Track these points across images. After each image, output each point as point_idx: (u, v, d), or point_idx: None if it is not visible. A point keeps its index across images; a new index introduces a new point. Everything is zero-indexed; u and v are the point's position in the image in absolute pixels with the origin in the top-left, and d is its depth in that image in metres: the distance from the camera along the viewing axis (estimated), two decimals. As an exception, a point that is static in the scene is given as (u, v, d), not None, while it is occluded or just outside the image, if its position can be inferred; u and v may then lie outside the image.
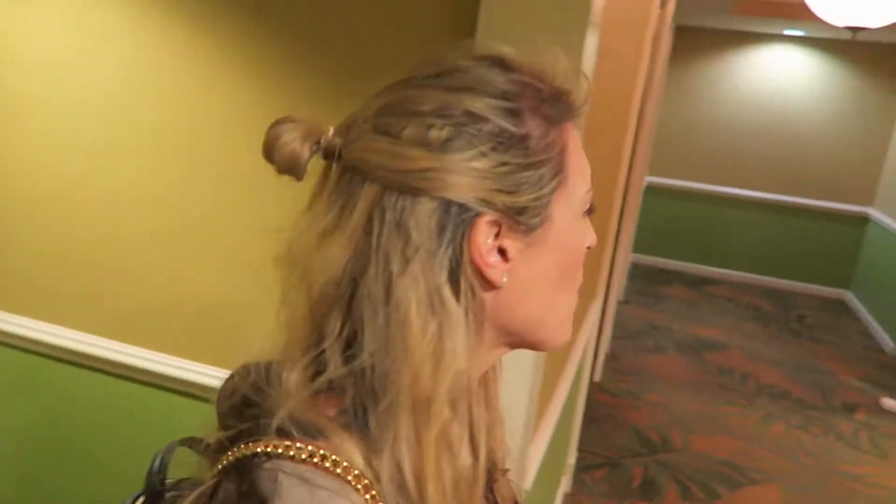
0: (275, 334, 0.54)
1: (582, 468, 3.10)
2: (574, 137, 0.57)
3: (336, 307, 0.52)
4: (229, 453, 0.51)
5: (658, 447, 3.37)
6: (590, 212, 0.59)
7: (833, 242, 6.33)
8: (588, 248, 0.60)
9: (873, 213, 6.06)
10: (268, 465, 0.48)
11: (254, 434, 0.50)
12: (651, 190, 6.36)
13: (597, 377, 4.03)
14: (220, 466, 0.51)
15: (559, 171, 0.54)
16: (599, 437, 3.40)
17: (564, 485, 2.89)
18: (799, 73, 6.20)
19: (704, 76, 6.45)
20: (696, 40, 6.37)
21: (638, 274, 6.44)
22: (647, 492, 2.99)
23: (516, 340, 0.59)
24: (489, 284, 0.53)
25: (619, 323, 5.01)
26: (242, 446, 0.50)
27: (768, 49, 6.23)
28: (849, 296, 6.30)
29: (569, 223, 0.56)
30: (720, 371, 4.38)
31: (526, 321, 0.57)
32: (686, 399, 3.93)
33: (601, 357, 4.06)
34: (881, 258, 5.74)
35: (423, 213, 0.50)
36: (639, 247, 6.81)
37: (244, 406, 0.54)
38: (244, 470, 0.49)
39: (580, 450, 3.22)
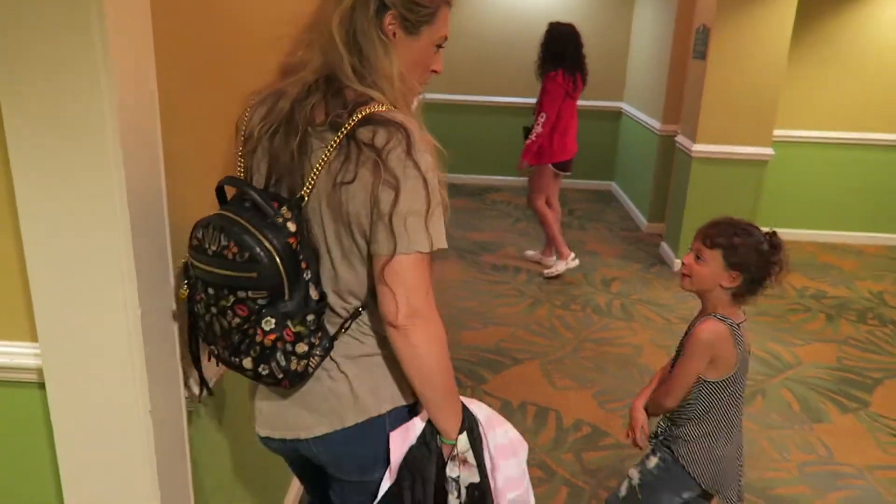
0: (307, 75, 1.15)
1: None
2: (444, 12, 1.21)
3: (350, 42, 1.13)
4: (348, 119, 1.10)
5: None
6: (439, 47, 1.25)
7: (596, 138, 6.79)
8: (434, 71, 1.28)
9: (625, 106, 6.57)
10: (383, 115, 1.10)
11: (346, 120, 1.10)
12: (428, 107, 6.38)
13: (375, 293, 4.05)
14: (348, 126, 1.10)
15: (432, 18, 1.19)
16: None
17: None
18: (546, -21, 6.44)
19: (461, -13, 6.49)
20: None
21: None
22: (417, 390, 3.07)
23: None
24: (388, 34, 1.14)
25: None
26: (360, 113, 1.10)
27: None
28: (613, 185, 6.86)
29: (426, 44, 1.21)
30: (494, 269, 4.59)
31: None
32: (460, 299, 4.07)
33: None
34: (633, 147, 6.28)
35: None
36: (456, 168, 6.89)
37: (330, 88, 1.14)
38: (369, 119, 1.10)
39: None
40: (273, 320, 1.08)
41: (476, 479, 1.23)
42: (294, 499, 2.28)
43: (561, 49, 4.22)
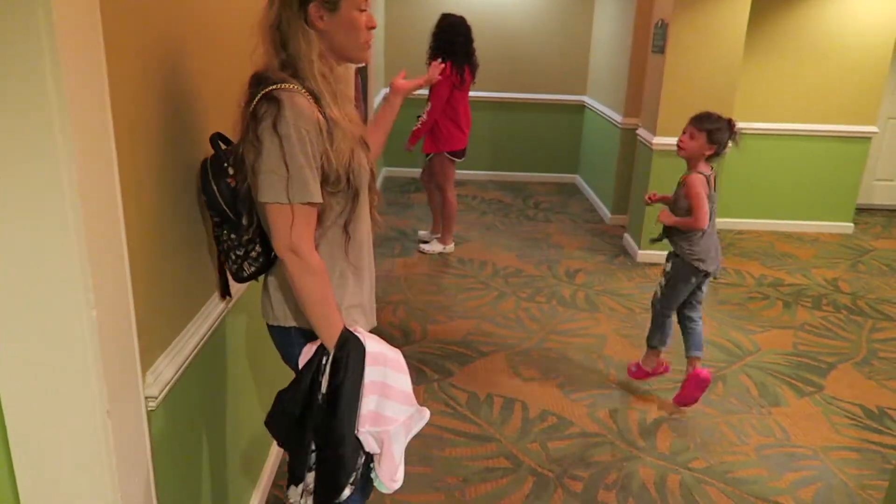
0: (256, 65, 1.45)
1: (320, 377, 3.11)
2: None
3: (277, 47, 1.43)
4: (259, 94, 1.38)
5: (399, 342, 3.48)
6: (362, 10, 1.47)
7: (560, 132, 6.86)
8: (370, 28, 1.50)
9: (587, 100, 6.64)
10: (276, 91, 1.37)
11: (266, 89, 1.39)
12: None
13: (341, 289, 4.04)
14: (256, 98, 1.39)
15: None
16: (341, 344, 3.42)
17: (299, 396, 2.87)
18: (508, -27, 6.46)
19: (423, -18, 6.49)
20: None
21: (391, 186, 6.53)
22: (384, 385, 3.07)
23: (342, 56, 1.51)
24: (318, 27, 1.43)
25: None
26: (265, 90, 1.38)
27: (476, -50, 6.40)
28: (578, 179, 6.94)
29: (350, 11, 1.45)
30: (460, 263, 4.61)
31: (344, 47, 1.49)
32: (427, 294, 4.09)
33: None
34: (596, 140, 6.35)
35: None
36: (389, 160, 6.88)
37: (256, 84, 1.42)
38: (269, 95, 1.37)
39: (318, 360, 3.23)
40: (224, 233, 1.57)
41: (325, 388, 1.51)
42: (261, 497, 2.27)
43: (451, 41, 4.32)
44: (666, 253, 3.03)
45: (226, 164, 1.50)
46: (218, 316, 1.76)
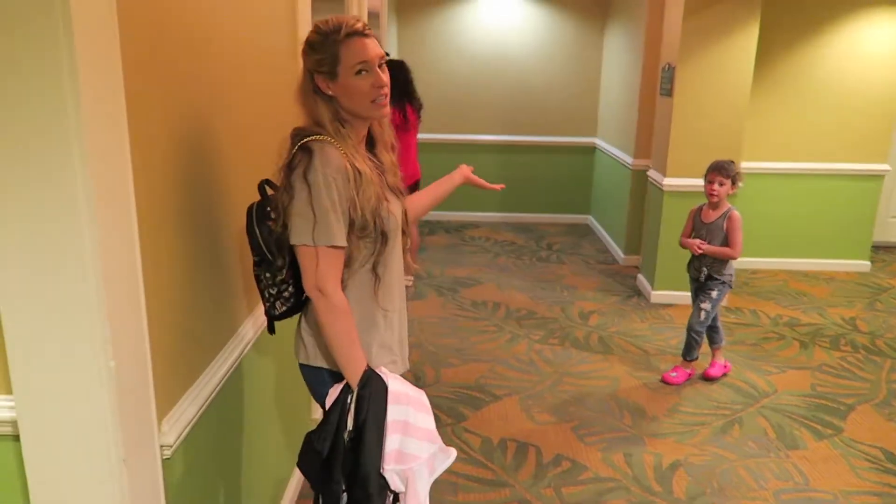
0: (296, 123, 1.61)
1: (334, 421, 3.11)
2: (345, 47, 1.53)
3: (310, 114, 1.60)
4: (293, 148, 1.54)
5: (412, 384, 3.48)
6: (359, 73, 1.54)
7: (571, 173, 6.93)
8: (377, 87, 1.56)
9: (598, 141, 6.72)
10: (309, 142, 1.51)
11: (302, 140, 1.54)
12: (402, 146, 6.48)
13: (355, 332, 4.07)
14: (293, 151, 1.54)
15: (336, 59, 1.53)
16: (355, 388, 3.44)
17: (313, 441, 2.87)
18: (515, 23, 6.63)
19: (429, 32, 6.66)
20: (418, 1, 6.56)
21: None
22: (397, 429, 3.07)
23: (357, 115, 1.59)
24: (326, 93, 1.57)
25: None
26: (301, 142, 1.53)
27: (484, 1, 6.58)
28: (590, 219, 6.97)
29: (348, 77, 1.54)
30: (473, 305, 4.63)
31: (352, 109, 1.58)
32: (440, 336, 4.10)
33: (356, 312, 4.09)
34: (607, 181, 6.40)
35: (307, 71, 1.59)
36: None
37: (294, 136, 1.57)
38: (303, 146, 1.52)
39: (331, 404, 3.24)
40: (261, 273, 1.65)
41: (351, 426, 1.57)
42: (273, 544, 2.27)
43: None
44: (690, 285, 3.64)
45: (269, 209, 1.60)
46: (235, 360, 1.79)
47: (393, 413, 1.57)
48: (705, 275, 3.47)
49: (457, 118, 6.83)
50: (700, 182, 4.47)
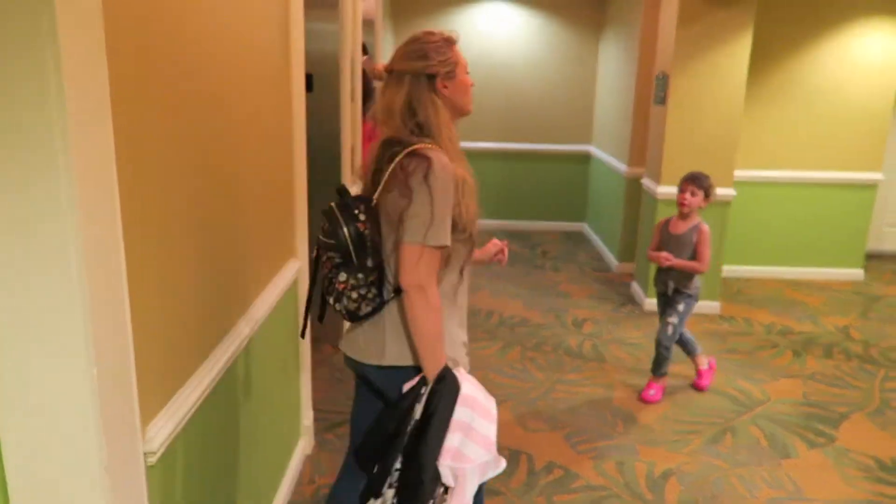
0: (387, 130, 1.76)
1: (325, 427, 3.10)
2: (455, 51, 1.80)
3: (407, 118, 1.73)
4: (401, 154, 1.67)
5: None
6: (467, 73, 1.82)
7: (566, 181, 6.94)
8: (471, 84, 1.84)
9: (593, 149, 6.73)
10: (422, 150, 1.66)
11: (409, 148, 1.67)
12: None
13: (348, 339, 4.06)
14: (400, 156, 1.66)
15: (455, 60, 1.78)
16: (345, 395, 3.42)
17: (304, 447, 2.86)
18: (511, 31, 6.65)
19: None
20: (413, 2, 6.57)
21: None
22: (388, 436, 3.06)
23: (460, 112, 1.82)
24: (444, 95, 1.76)
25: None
26: (409, 150, 1.67)
27: (479, 9, 6.60)
28: (585, 227, 6.98)
29: (462, 75, 1.79)
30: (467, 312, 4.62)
31: (461, 105, 1.81)
32: (433, 343, 4.09)
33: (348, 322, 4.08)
34: (602, 189, 6.41)
35: (423, 76, 1.74)
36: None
37: (391, 146, 1.72)
38: (415, 153, 1.65)
39: (322, 410, 3.22)
40: (344, 275, 1.68)
41: (418, 415, 1.65)
42: (262, 552, 2.25)
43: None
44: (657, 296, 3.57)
45: (356, 212, 1.67)
46: (226, 362, 1.78)
47: (459, 413, 1.66)
48: (672, 288, 3.41)
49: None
50: (694, 190, 4.50)
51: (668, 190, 4.52)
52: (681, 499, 2.69)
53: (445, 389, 1.64)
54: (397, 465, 1.67)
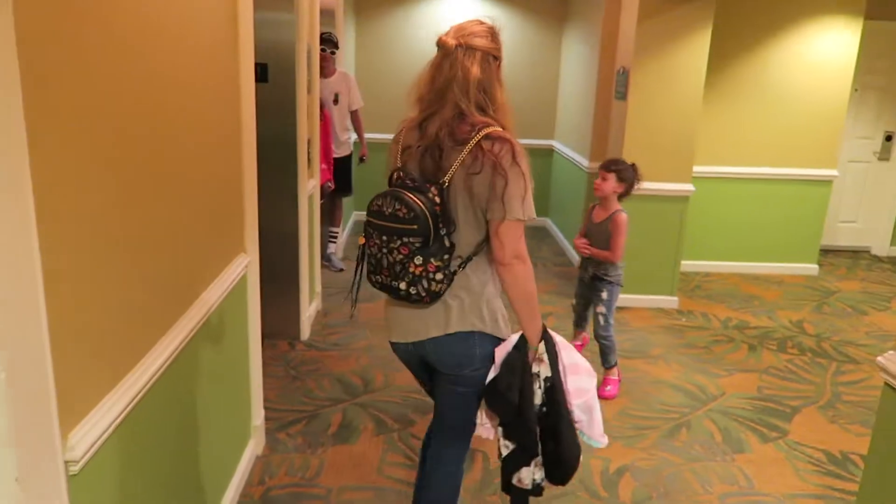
0: (447, 116, 1.75)
1: (277, 427, 3.03)
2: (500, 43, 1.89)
3: (478, 90, 1.76)
4: (476, 136, 1.72)
5: (360, 390, 3.42)
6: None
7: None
8: None
9: (556, 144, 6.73)
10: (496, 132, 1.73)
11: (473, 136, 1.72)
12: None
13: (304, 336, 3.98)
14: (477, 139, 1.71)
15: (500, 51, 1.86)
16: (301, 393, 3.35)
17: (254, 447, 2.79)
18: (476, 22, 6.60)
19: (388, 31, 6.60)
20: (379, -6, 6.49)
21: (362, 230, 6.52)
22: (343, 435, 3.00)
23: None
24: (501, 78, 1.85)
25: (338, 279, 5.02)
26: (483, 132, 1.72)
27: (443, 1, 6.54)
28: (548, 222, 6.98)
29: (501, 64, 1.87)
30: (427, 307, 4.58)
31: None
32: (392, 339, 4.04)
33: (306, 317, 4.01)
34: (564, 184, 6.41)
35: (491, 56, 1.81)
36: (362, 204, 6.88)
37: (442, 125, 1.75)
38: (493, 136, 1.71)
39: (276, 409, 3.15)
40: (421, 258, 1.70)
41: (549, 373, 1.79)
42: (206, 557, 2.18)
43: None
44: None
45: (430, 194, 1.72)
46: (161, 365, 1.71)
47: (564, 357, 1.83)
48: (590, 275, 3.46)
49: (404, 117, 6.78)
50: (654, 185, 4.52)
51: (627, 185, 4.52)
52: (635, 495, 2.68)
53: (552, 342, 1.82)
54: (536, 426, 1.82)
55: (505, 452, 1.88)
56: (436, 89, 1.77)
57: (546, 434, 1.82)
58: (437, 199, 1.71)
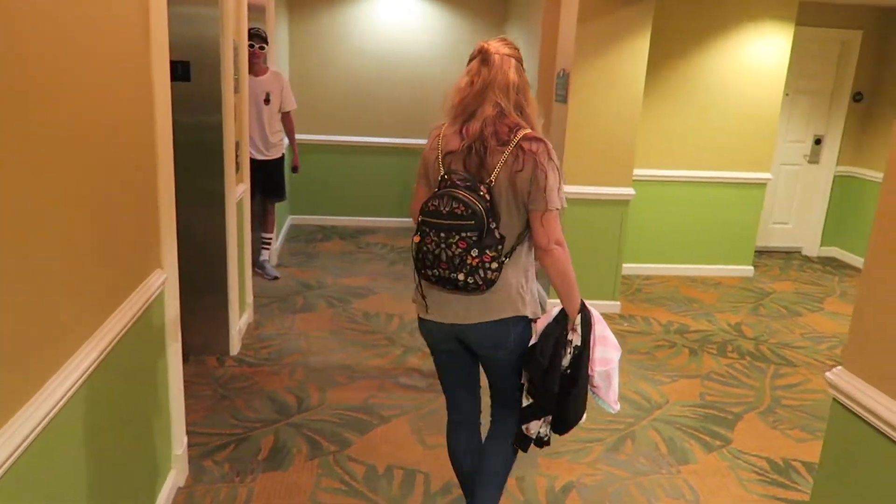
0: (488, 114, 1.93)
1: (202, 454, 2.81)
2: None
3: (516, 92, 1.96)
4: (516, 138, 1.90)
5: (293, 409, 3.22)
6: None
7: (470, 178, 6.82)
8: None
9: (497, 146, 6.64)
10: (532, 133, 1.93)
11: (514, 138, 1.91)
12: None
13: (234, 351, 3.75)
14: (518, 140, 1.90)
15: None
16: (230, 414, 3.14)
17: (175, 478, 2.57)
18: (411, 23, 6.46)
19: (323, 28, 6.40)
20: (314, -10, 6.27)
21: (296, 235, 6.28)
22: (274, 461, 2.81)
23: None
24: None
25: (271, 288, 4.79)
26: (522, 133, 1.91)
27: (379, 0, 6.38)
28: (489, 225, 6.89)
29: None
30: (365, 317, 4.41)
31: None
32: (328, 352, 3.85)
33: (236, 330, 3.78)
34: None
35: (520, 63, 2.02)
36: (297, 208, 6.65)
37: (502, 125, 1.93)
38: (530, 137, 1.91)
39: (201, 434, 2.93)
40: (477, 250, 1.86)
41: (579, 342, 2.02)
42: None
43: None
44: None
45: (482, 193, 1.88)
46: (61, 397, 1.50)
47: (597, 330, 2.06)
48: None
49: (351, 119, 6.59)
50: (596, 189, 4.48)
51: (570, 189, 4.46)
52: (581, 514, 2.59)
53: (587, 315, 2.04)
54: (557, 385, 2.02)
55: (525, 402, 2.11)
56: (475, 91, 1.95)
57: (562, 393, 2.03)
58: (487, 196, 1.88)
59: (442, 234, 1.86)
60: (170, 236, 2.43)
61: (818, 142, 6.29)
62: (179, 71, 3.32)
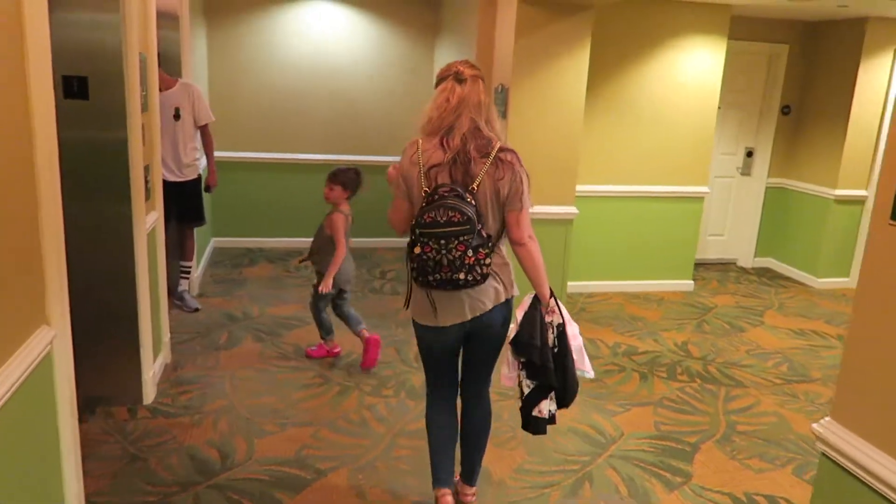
0: (466, 128, 2.23)
1: (107, 531, 2.42)
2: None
3: (485, 110, 2.28)
4: (494, 150, 2.23)
5: (217, 467, 2.85)
6: None
7: (405, 195, 6.55)
8: None
9: (431, 162, 6.39)
10: (505, 145, 2.28)
11: (492, 150, 2.23)
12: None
13: (148, 399, 3.35)
14: (495, 152, 2.23)
15: None
16: (142, 478, 2.74)
17: (72, 568, 2.18)
18: (338, 33, 6.16)
19: (244, 39, 6.02)
20: (231, 3, 5.88)
21: (221, 259, 5.85)
22: (193, 533, 2.44)
23: None
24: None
25: (191, 321, 4.38)
26: (498, 146, 2.25)
27: (304, 8, 6.05)
28: (426, 243, 6.63)
29: None
30: (297, 352, 4.06)
31: None
32: (255, 395, 3.49)
33: (150, 375, 3.37)
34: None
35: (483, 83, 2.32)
36: (221, 230, 6.23)
37: (468, 140, 2.22)
38: (505, 148, 2.25)
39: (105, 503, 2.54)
40: (471, 251, 2.14)
41: (560, 320, 2.33)
42: None
43: None
44: None
45: (468, 199, 2.15)
46: None
47: (563, 308, 2.37)
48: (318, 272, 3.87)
49: (274, 136, 6.22)
50: (538, 209, 4.28)
51: (511, 209, 4.25)
52: (543, 575, 2.35)
53: (556, 299, 2.35)
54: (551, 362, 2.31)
55: (527, 390, 2.33)
56: (451, 107, 2.21)
57: (557, 369, 2.29)
58: (473, 203, 2.15)
59: (442, 241, 2.11)
60: (58, 282, 2.05)
61: (750, 154, 6.33)
62: (76, 87, 2.93)
